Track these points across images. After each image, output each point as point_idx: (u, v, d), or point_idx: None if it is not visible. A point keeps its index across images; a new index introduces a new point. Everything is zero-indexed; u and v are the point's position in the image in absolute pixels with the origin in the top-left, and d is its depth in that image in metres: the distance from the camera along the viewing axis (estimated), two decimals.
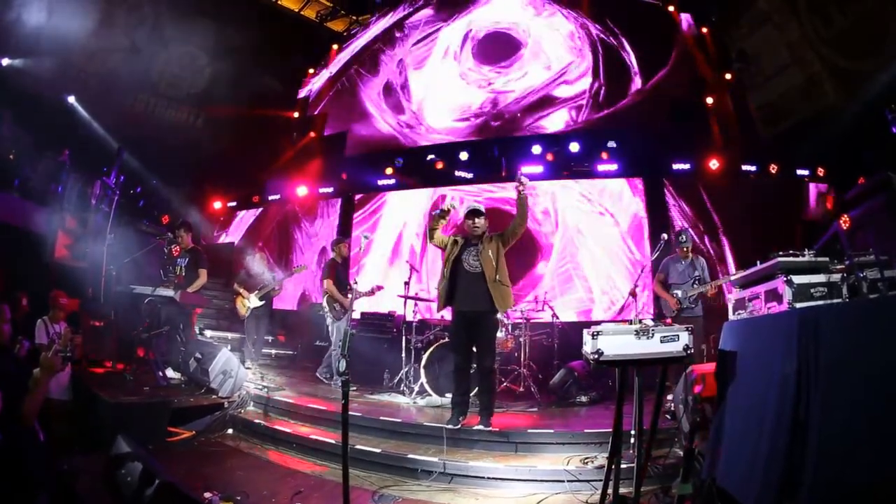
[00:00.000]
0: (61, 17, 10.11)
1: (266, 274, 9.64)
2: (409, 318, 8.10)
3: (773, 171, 10.55)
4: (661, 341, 3.47)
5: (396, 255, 11.93)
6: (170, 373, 7.77)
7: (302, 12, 14.37)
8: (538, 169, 10.69)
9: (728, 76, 11.65)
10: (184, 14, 11.25)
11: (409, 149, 12.28)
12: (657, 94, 11.31)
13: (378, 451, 5.57)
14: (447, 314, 6.42)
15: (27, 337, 5.57)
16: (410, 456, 5.39)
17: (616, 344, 3.50)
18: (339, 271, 8.65)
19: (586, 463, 4.97)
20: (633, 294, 6.53)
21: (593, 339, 3.51)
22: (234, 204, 14.02)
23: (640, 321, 3.70)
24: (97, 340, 8.14)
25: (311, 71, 15.01)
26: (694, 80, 11.51)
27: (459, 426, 5.77)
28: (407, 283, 8.21)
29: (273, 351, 10.82)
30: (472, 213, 5.97)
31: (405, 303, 8.16)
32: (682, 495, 3.67)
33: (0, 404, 2.97)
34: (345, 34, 14.90)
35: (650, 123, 11.03)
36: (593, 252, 10.53)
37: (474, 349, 6.01)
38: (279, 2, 14.09)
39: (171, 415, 6.57)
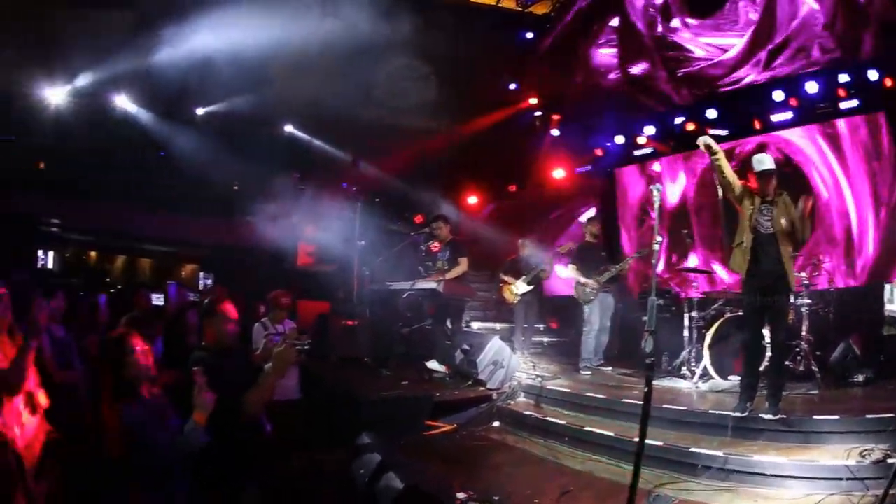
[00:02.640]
0: (259, 54, 11.01)
1: (533, 258, 9.42)
2: (691, 292, 7.72)
3: None
4: None
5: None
6: (434, 366, 7.83)
7: (500, 4, 14.25)
8: (787, 116, 9.39)
9: None
10: (386, 27, 11.68)
11: (655, 114, 11.34)
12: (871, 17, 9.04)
13: (659, 443, 5.08)
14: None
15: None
16: (692, 449, 4.93)
17: None
18: (584, 253, 8.36)
19: (864, 456, 4.34)
20: None
21: None
22: (490, 196, 14.23)
23: None
24: (351, 339, 8.60)
25: (534, 55, 14.61)
26: None
27: (746, 414, 5.25)
28: (686, 256, 7.78)
29: (545, 339, 10.53)
30: (767, 175, 5.44)
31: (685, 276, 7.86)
32: None
33: (211, 406, 3.01)
34: (551, 13, 14.30)
35: (874, 49, 8.93)
36: (856, 203, 9.00)
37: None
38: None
39: (433, 408, 6.59)
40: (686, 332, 7.34)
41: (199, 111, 12.96)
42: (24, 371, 3.24)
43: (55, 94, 11.80)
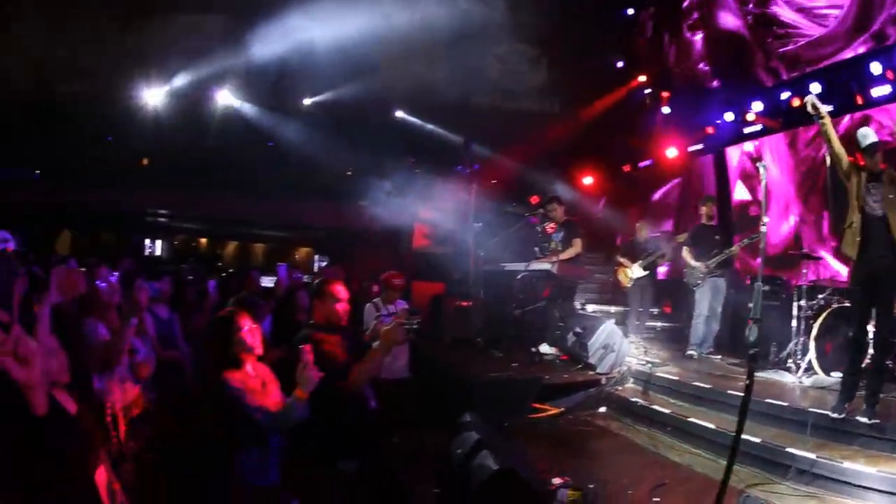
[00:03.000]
0: (366, 43, 11.29)
1: (650, 242, 9.38)
2: (801, 280, 7.20)
3: None
4: None
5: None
6: (545, 348, 7.99)
7: None
8: (886, 90, 8.42)
9: None
10: (488, 9, 11.60)
11: (762, 89, 10.71)
12: None
13: (757, 440, 5.00)
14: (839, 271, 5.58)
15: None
16: (788, 450, 4.77)
17: None
18: (698, 235, 8.18)
19: None
20: None
21: None
22: (604, 176, 14.04)
23: None
24: (464, 320, 8.82)
25: (636, 32, 14.19)
26: None
27: (844, 415, 5.00)
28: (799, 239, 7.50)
29: (658, 324, 10.33)
30: (873, 149, 5.13)
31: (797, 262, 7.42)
32: None
33: (314, 384, 3.14)
34: None
35: None
36: None
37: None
38: None
39: (541, 391, 6.73)
40: (794, 322, 6.96)
41: (307, 101, 13.49)
42: (122, 344, 3.60)
43: (158, 94, 12.71)
